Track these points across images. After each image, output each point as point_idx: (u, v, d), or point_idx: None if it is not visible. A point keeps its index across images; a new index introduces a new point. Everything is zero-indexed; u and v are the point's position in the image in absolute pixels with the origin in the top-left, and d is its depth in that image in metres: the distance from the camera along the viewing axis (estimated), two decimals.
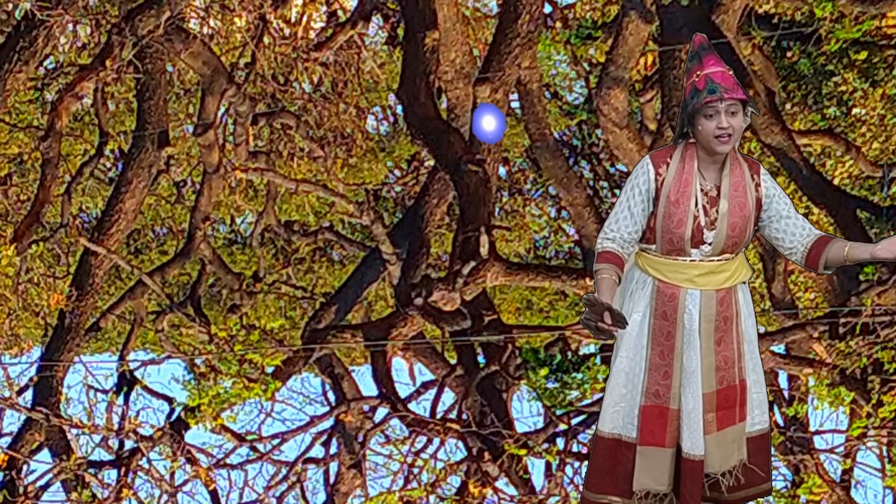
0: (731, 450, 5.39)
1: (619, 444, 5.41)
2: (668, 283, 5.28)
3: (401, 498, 10.43)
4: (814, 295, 12.86)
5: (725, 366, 5.33)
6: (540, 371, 11.52)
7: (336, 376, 12.05)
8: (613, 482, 5.43)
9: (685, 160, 5.21)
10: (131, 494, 10.72)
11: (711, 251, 5.23)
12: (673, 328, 5.28)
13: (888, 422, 10.15)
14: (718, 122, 5.10)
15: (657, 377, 5.32)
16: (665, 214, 5.20)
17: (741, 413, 5.41)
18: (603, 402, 5.48)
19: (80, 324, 12.56)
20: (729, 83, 5.13)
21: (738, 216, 5.22)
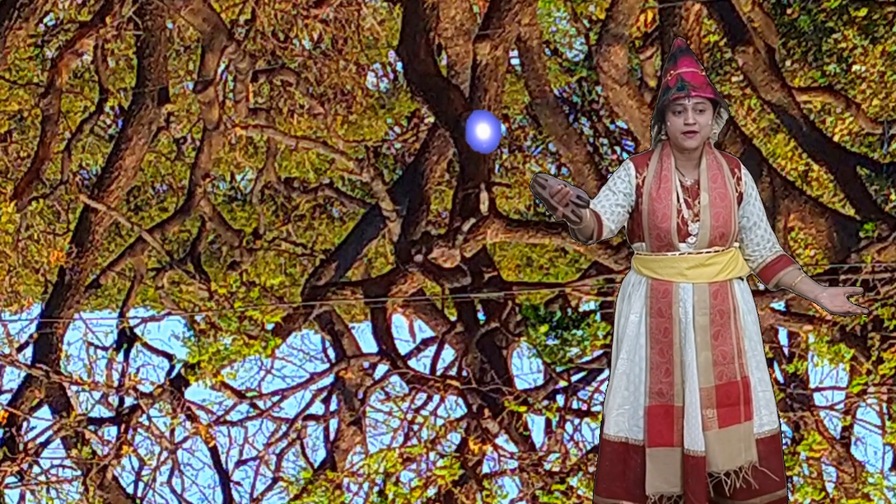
0: (737, 449, 5.26)
1: (627, 447, 5.33)
2: (661, 280, 5.24)
3: (401, 454, 10.32)
4: (814, 252, 12.75)
5: (724, 361, 5.25)
6: (540, 328, 11.47)
7: (336, 333, 11.96)
8: (623, 486, 5.34)
9: (662, 160, 5.25)
10: (131, 451, 10.62)
11: (699, 243, 5.21)
12: (669, 324, 5.23)
13: (888, 378, 10.06)
14: (685, 118, 5.15)
15: (659, 376, 5.26)
16: (649, 211, 5.19)
17: (747, 412, 5.29)
18: (606, 406, 5.40)
19: (80, 281, 12.46)
20: (698, 82, 5.20)
21: (721, 206, 5.21)
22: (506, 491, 9.83)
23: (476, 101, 12.22)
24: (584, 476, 9.67)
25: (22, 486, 10.25)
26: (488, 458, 10.09)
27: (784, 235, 12.13)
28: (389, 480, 10.01)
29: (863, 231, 11.53)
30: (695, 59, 5.30)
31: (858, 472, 9.54)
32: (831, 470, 9.72)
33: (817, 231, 12.04)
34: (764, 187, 11.87)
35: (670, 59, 5.32)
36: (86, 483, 10.10)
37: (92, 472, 10.18)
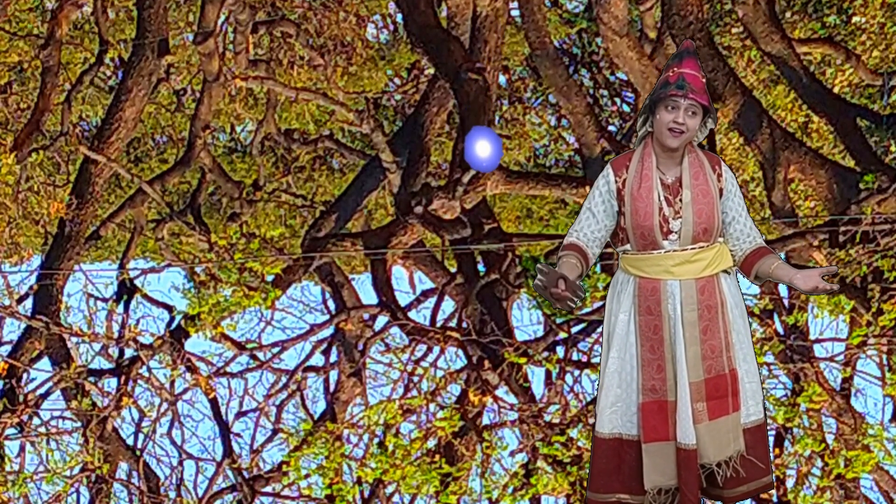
0: (727, 440, 5.34)
1: (621, 443, 5.37)
2: (648, 278, 5.29)
3: (401, 406, 10.20)
4: (814, 203, 12.67)
5: (712, 355, 5.30)
6: None
7: (336, 284, 11.87)
8: (620, 480, 5.40)
9: (643, 159, 5.29)
10: (131, 403, 10.49)
11: (682, 240, 5.25)
12: (659, 321, 5.28)
13: (888, 330, 9.98)
14: (676, 116, 5.18)
15: (651, 372, 5.31)
16: (632, 211, 5.23)
17: (734, 403, 5.36)
18: (598, 405, 5.44)
19: (80, 232, 12.35)
20: (698, 86, 5.22)
21: (703, 203, 5.25)
22: (506, 442, 9.72)
23: (476, 52, 12.14)
24: (584, 428, 9.59)
25: (22, 437, 10.14)
26: (488, 410, 9.98)
27: (784, 187, 12.08)
28: (389, 432, 9.91)
29: (863, 182, 11.49)
30: (699, 63, 5.33)
31: (858, 424, 9.41)
32: (831, 421, 9.58)
33: (817, 182, 11.99)
34: (764, 139, 11.82)
35: (676, 57, 5.34)
36: (86, 434, 9.98)
37: (92, 423, 10.06)
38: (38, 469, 9.81)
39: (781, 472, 9.13)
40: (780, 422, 9.36)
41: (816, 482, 9.01)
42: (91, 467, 9.57)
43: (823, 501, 8.79)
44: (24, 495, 9.46)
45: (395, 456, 9.49)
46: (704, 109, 5.26)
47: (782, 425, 9.37)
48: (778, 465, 9.10)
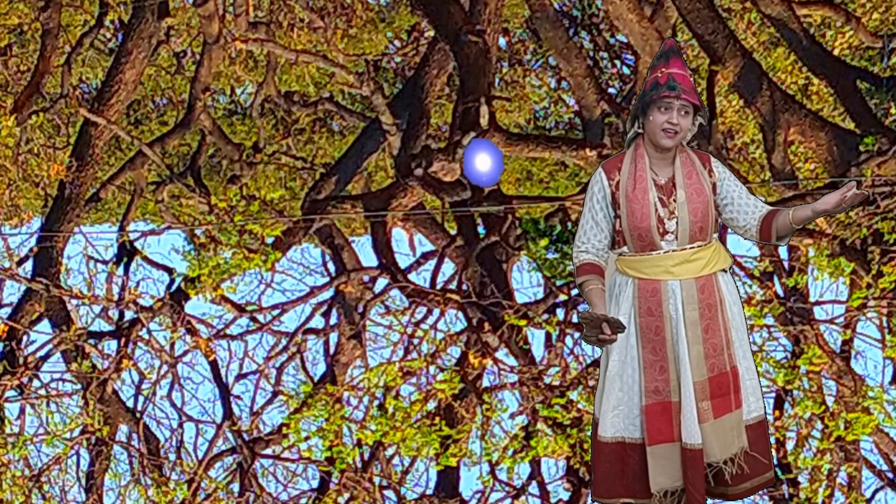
0: (731, 438, 5.31)
1: (624, 446, 5.32)
2: (648, 279, 5.26)
3: (401, 368, 10.15)
4: (814, 165, 12.58)
5: (714, 353, 5.27)
6: (540, 241, 11.33)
7: (336, 247, 11.81)
8: (624, 484, 5.35)
9: (636, 161, 5.27)
10: (131, 365, 10.44)
11: (679, 240, 5.23)
12: (660, 322, 5.25)
13: (888, 292, 9.94)
14: (670, 117, 5.18)
15: (654, 374, 5.27)
16: (628, 213, 5.22)
17: (736, 400, 5.34)
18: (599, 409, 5.39)
19: (80, 194, 12.23)
20: (688, 86, 5.24)
21: (698, 202, 5.22)
22: (506, 405, 9.68)
23: (476, 14, 12.03)
24: (584, 390, 9.53)
25: (22, 399, 10.11)
26: (488, 372, 9.93)
27: (784, 149, 12.05)
28: (389, 394, 9.87)
29: (863, 145, 11.40)
30: (684, 61, 5.34)
31: (858, 386, 9.40)
32: (831, 384, 9.56)
33: (817, 145, 11.96)
34: (764, 101, 11.75)
35: (661, 57, 5.33)
36: (86, 397, 9.95)
37: (92, 385, 10.02)
38: (38, 431, 9.81)
39: (781, 435, 9.12)
40: (780, 384, 9.33)
41: (816, 444, 8.99)
42: (91, 429, 9.53)
43: (823, 463, 8.75)
44: (25, 457, 9.43)
45: (395, 418, 9.44)
46: (695, 108, 5.26)
47: (782, 387, 9.34)
48: (778, 427, 9.07)
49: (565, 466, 8.96)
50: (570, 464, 8.89)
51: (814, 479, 8.69)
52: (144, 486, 9.15)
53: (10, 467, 9.26)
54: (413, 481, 9.12)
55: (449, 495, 8.79)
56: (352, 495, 8.84)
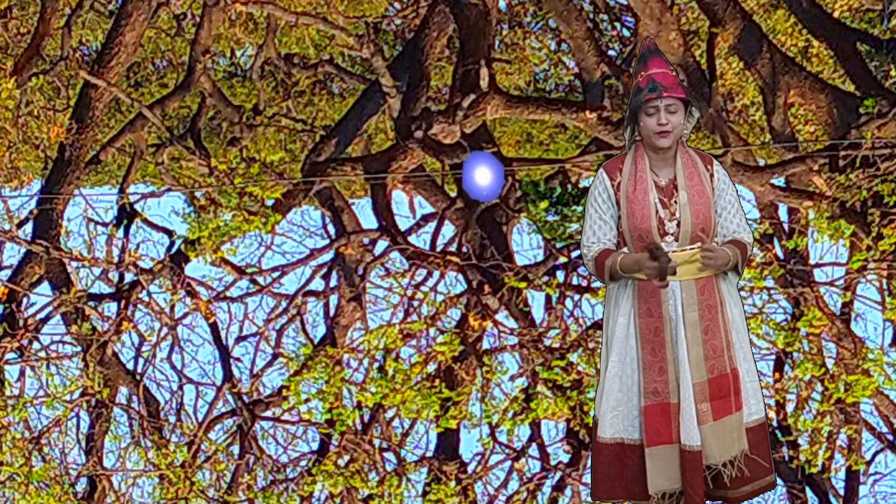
0: (731, 440, 5.25)
1: (623, 447, 5.27)
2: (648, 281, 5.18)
3: (401, 330, 10.07)
4: (814, 128, 12.51)
5: (714, 354, 5.22)
6: (540, 204, 11.31)
7: (336, 209, 11.74)
8: (622, 486, 5.30)
9: (636, 162, 5.22)
10: (131, 327, 10.35)
11: (680, 241, 5.18)
12: (660, 323, 5.20)
13: (888, 255, 9.89)
14: (658, 118, 5.12)
15: (653, 375, 5.22)
16: (629, 214, 5.18)
17: (737, 402, 5.29)
18: (599, 410, 5.35)
19: (80, 157, 12.12)
20: (669, 82, 5.18)
21: (699, 203, 5.18)
22: (506, 367, 9.58)
23: None
24: (584, 352, 9.45)
25: (22, 361, 10.01)
26: (488, 334, 9.84)
27: (784, 112, 12.03)
28: (389, 356, 9.80)
29: (863, 107, 11.36)
30: (664, 59, 5.28)
31: (858, 348, 9.35)
32: (831, 346, 9.48)
33: (817, 107, 11.91)
34: (764, 63, 11.70)
35: (640, 61, 5.30)
36: (86, 359, 9.86)
37: (92, 348, 9.93)
38: (38, 393, 9.71)
39: (781, 397, 9.07)
40: (780, 346, 9.25)
41: (816, 406, 8.94)
42: (91, 392, 9.45)
43: (823, 425, 8.69)
44: (25, 420, 9.35)
45: (394, 380, 9.38)
46: (684, 102, 5.19)
47: (782, 350, 9.25)
48: (778, 389, 9.01)
49: (565, 428, 8.89)
50: (569, 426, 8.82)
51: (814, 441, 8.63)
52: (144, 448, 9.07)
53: (10, 429, 9.18)
54: (413, 443, 9.06)
55: (449, 457, 8.71)
56: (352, 457, 8.75)
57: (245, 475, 8.72)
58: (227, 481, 8.66)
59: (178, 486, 8.42)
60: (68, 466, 8.91)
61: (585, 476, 8.34)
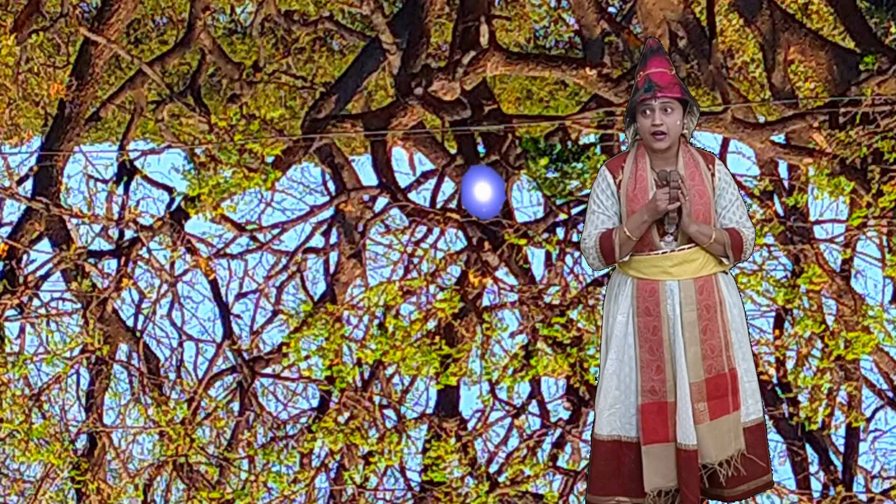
0: (728, 440, 5.19)
1: (620, 445, 5.23)
2: (647, 279, 5.14)
3: (401, 287, 9.95)
4: (814, 84, 12.41)
5: (712, 354, 5.15)
6: (540, 160, 11.19)
7: (336, 166, 11.64)
8: (619, 483, 5.26)
9: (637, 160, 5.13)
10: (131, 284, 10.22)
11: (679, 240, 5.09)
12: (658, 322, 5.12)
13: (888, 211, 9.83)
14: (653, 119, 5.02)
15: (650, 374, 5.15)
16: (629, 212, 5.10)
17: (735, 402, 5.22)
18: (596, 407, 5.30)
19: (80, 113, 12.11)
20: (665, 82, 5.06)
21: (699, 203, 5.08)
22: (506, 324, 9.43)
23: None
24: (584, 309, 9.32)
25: (22, 318, 9.88)
26: (488, 291, 9.71)
27: (784, 68, 11.95)
28: (389, 313, 9.68)
29: (863, 64, 11.38)
30: (665, 58, 5.18)
31: (858, 305, 9.19)
32: (831, 303, 9.31)
33: (817, 64, 11.82)
34: (764, 20, 11.64)
35: (641, 61, 5.21)
36: (86, 316, 9.73)
37: (92, 304, 9.80)
38: (37, 350, 9.56)
39: (781, 354, 8.96)
40: (779, 303, 9.13)
41: (816, 363, 8.81)
42: (91, 349, 9.33)
43: (823, 382, 8.57)
44: (24, 377, 9.21)
45: (394, 337, 9.26)
46: (682, 102, 5.07)
47: (782, 307, 9.13)
48: (778, 346, 8.90)
49: (565, 385, 8.75)
50: (569, 383, 8.69)
51: (813, 398, 8.49)
52: (144, 404, 8.93)
53: (10, 386, 9.05)
54: (413, 400, 8.89)
55: (449, 414, 8.57)
56: (352, 414, 8.61)
57: (245, 432, 8.58)
58: (227, 438, 8.52)
59: (178, 443, 8.29)
60: (68, 423, 8.76)
61: (585, 433, 8.22)
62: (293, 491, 7.86)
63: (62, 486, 8.09)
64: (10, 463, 8.35)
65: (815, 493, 7.52)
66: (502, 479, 7.83)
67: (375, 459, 8.06)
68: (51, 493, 8.05)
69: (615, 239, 5.06)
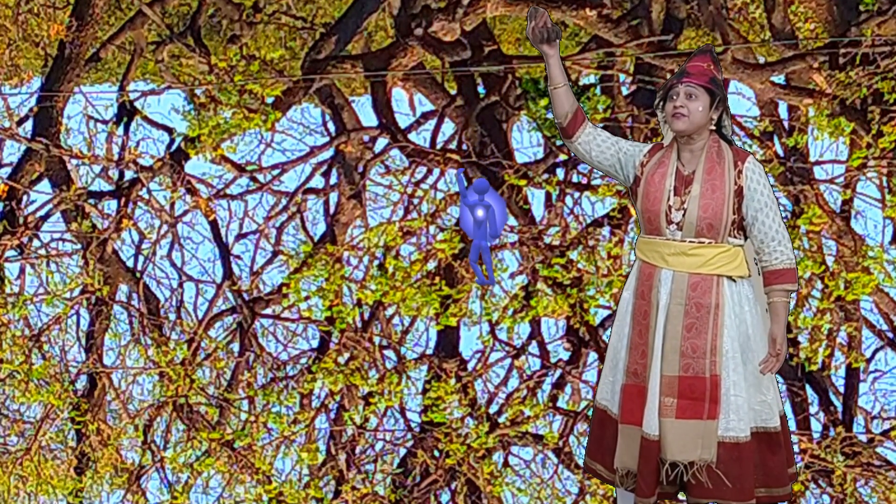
0: (693, 444, 4.97)
1: (606, 416, 5.16)
2: (647, 263, 5.06)
3: (401, 228, 9.87)
4: (814, 25, 12.22)
5: (693, 354, 4.97)
6: (540, 101, 11.12)
7: (336, 107, 11.53)
8: (600, 452, 5.21)
9: (667, 149, 5.05)
10: (131, 225, 10.09)
11: (684, 232, 4.96)
12: (648, 307, 5.04)
13: (888, 152, 9.70)
14: (676, 101, 4.93)
15: (636, 356, 5.05)
16: (644, 194, 5.01)
17: (711, 410, 4.97)
18: (602, 371, 5.25)
19: (80, 54, 11.95)
20: (696, 70, 4.98)
21: (711, 198, 4.92)
22: (506, 264, 9.31)
23: None
24: (584, 250, 9.18)
25: (22, 259, 9.74)
26: None
27: (784, 9, 11.81)
28: (389, 254, 9.58)
29: (863, 4, 11.23)
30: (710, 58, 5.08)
31: (858, 246, 9.08)
32: (831, 244, 9.17)
33: (817, 4, 11.69)
34: None
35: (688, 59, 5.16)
36: (86, 256, 9.61)
37: (92, 245, 9.68)
38: (38, 291, 9.44)
39: None
40: None
41: (816, 304, 8.68)
42: (91, 289, 9.19)
43: (823, 323, 8.43)
44: (24, 317, 9.08)
45: (394, 278, 9.14)
46: (710, 94, 4.94)
47: None
48: None
49: (565, 326, 8.60)
50: (569, 323, 8.55)
51: (814, 338, 8.36)
52: (144, 345, 8.78)
53: (10, 327, 8.92)
54: (413, 341, 8.76)
55: (449, 355, 8.42)
56: (352, 355, 8.47)
57: (245, 373, 8.43)
58: (227, 379, 8.38)
59: (178, 384, 8.14)
60: (68, 364, 8.61)
61: (585, 374, 8.12)
62: (293, 432, 7.73)
63: (62, 427, 7.97)
64: (10, 403, 8.23)
65: (815, 433, 7.41)
66: (502, 419, 7.72)
67: (375, 400, 7.94)
68: (51, 433, 7.91)
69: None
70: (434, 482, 7.22)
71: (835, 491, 6.87)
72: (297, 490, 7.22)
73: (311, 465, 7.43)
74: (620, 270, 8.83)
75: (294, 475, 7.40)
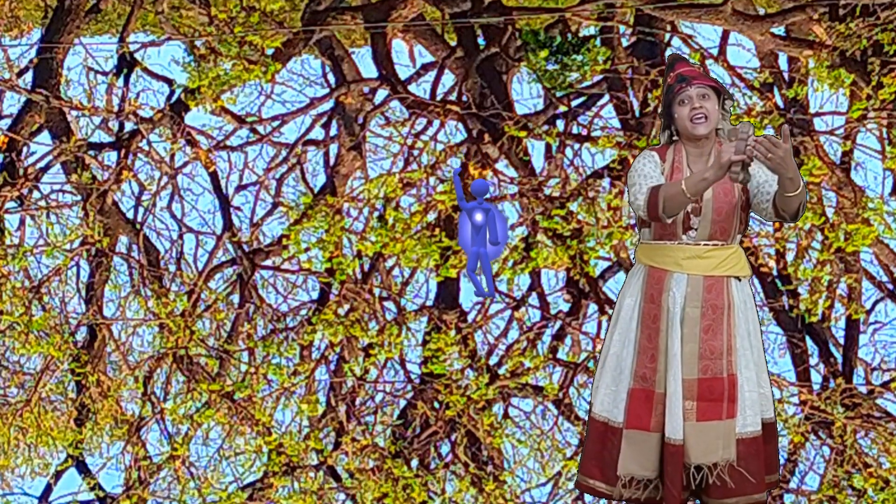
0: (715, 445, 4.96)
1: (607, 427, 5.10)
2: (658, 268, 5.02)
3: (401, 180, 9.76)
4: None
5: (711, 356, 4.96)
6: (540, 53, 10.97)
7: (336, 58, 11.34)
8: (599, 467, 5.12)
9: (676, 154, 5.00)
10: (131, 176, 9.96)
11: (699, 235, 4.95)
12: (658, 311, 5.00)
13: (888, 103, 9.53)
14: (692, 105, 4.91)
15: (645, 360, 5.02)
16: None
17: (730, 409, 4.99)
18: (595, 383, 5.20)
19: (79, 5, 11.65)
20: (695, 74, 5.00)
21: (723, 202, 4.91)
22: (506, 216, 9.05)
23: None
24: (584, 201, 9.02)
25: (22, 211, 9.61)
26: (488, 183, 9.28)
27: None
28: (389, 205, 9.46)
29: None
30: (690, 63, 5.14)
31: (858, 197, 8.97)
32: (831, 195, 9.03)
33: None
34: None
35: (667, 68, 5.13)
36: (86, 208, 9.49)
37: (92, 197, 9.56)
38: (37, 242, 9.34)
39: (781, 246, 8.73)
40: None
41: (816, 255, 8.59)
42: (91, 241, 9.07)
43: (823, 274, 8.31)
44: (24, 268, 8.96)
45: (394, 229, 9.02)
46: (716, 92, 4.95)
47: None
48: (778, 238, 8.64)
49: (565, 278, 8.46)
50: (569, 275, 8.42)
51: (814, 290, 8.24)
52: (144, 297, 8.65)
53: (10, 278, 8.79)
54: (413, 292, 8.64)
55: (449, 306, 8.29)
56: (352, 306, 8.34)
57: (245, 324, 8.31)
58: (227, 330, 8.26)
59: (178, 335, 8.01)
60: (68, 315, 8.49)
61: (585, 325, 8.00)
62: (293, 383, 7.62)
63: (62, 378, 7.88)
64: (10, 355, 8.15)
65: (815, 385, 7.34)
66: (502, 371, 7.63)
67: (375, 352, 7.83)
68: (51, 384, 7.82)
69: (661, 192, 4.80)
70: (434, 434, 7.12)
71: (835, 442, 6.78)
72: (296, 441, 7.13)
73: (311, 416, 7.33)
74: (620, 222, 8.70)
75: (294, 427, 7.31)
